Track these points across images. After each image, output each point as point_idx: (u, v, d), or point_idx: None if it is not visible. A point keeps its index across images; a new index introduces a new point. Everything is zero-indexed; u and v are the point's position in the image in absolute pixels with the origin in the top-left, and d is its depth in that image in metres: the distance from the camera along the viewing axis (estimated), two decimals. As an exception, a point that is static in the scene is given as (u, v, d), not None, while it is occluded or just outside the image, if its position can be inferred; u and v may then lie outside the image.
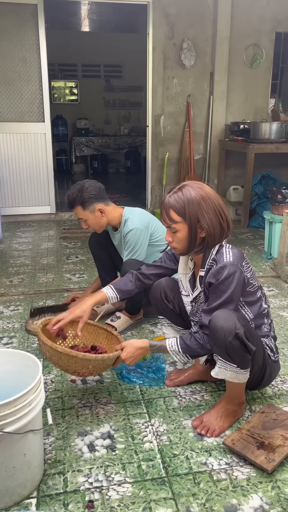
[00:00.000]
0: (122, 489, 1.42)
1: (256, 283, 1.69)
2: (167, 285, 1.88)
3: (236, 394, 1.70)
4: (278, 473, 1.49)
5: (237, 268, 1.56)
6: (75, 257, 3.83)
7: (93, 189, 2.31)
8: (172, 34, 5.09)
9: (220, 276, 1.56)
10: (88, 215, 2.33)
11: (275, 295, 3.01)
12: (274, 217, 3.60)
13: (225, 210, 1.60)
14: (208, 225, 1.56)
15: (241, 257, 1.61)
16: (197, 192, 1.56)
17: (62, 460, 1.54)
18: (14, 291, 3.06)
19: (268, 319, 1.75)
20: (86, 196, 2.29)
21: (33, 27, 4.81)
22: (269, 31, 5.34)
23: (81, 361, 1.60)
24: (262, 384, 1.77)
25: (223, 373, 1.61)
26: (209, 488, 1.43)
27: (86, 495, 1.40)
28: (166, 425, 1.72)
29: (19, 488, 1.37)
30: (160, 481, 1.46)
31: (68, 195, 2.33)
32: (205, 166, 5.55)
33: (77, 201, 2.30)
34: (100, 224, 2.38)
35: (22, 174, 5.18)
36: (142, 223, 2.37)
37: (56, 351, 1.59)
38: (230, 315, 1.52)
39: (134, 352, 1.70)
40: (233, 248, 1.63)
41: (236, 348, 1.51)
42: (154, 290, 1.90)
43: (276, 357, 1.76)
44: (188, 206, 1.55)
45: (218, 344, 1.53)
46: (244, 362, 1.56)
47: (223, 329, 1.49)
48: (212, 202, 1.57)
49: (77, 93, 9.49)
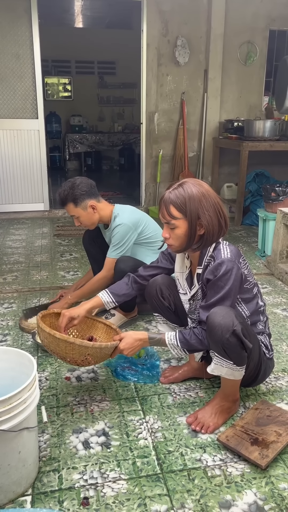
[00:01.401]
0: (117, 485, 1.43)
1: (253, 280, 1.69)
2: (162, 282, 1.88)
3: (230, 391, 1.71)
4: (272, 469, 1.50)
5: (234, 264, 1.56)
6: (69, 255, 3.82)
7: (85, 185, 2.31)
8: (166, 31, 5.08)
9: (218, 272, 1.56)
10: (80, 211, 2.32)
11: (269, 292, 3.03)
12: (267, 214, 3.62)
13: (223, 208, 1.62)
14: (208, 222, 1.56)
15: (238, 254, 1.62)
16: (198, 189, 1.56)
17: (57, 458, 1.54)
18: (8, 289, 3.05)
19: (264, 316, 1.76)
20: (78, 193, 2.29)
21: (27, 23, 4.78)
22: (263, 29, 5.35)
23: (78, 348, 1.60)
24: (256, 381, 1.78)
25: (219, 370, 1.62)
26: (204, 484, 1.44)
27: (81, 492, 1.40)
28: (161, 422, 1.72)
29: (14, 486, 1.37)
30: (154, 477, 1.46)
31: (59, 192, 2.33)
32: (199, 163, 5.56)
33: (68, 198, 2.29)
34: (92, 220, 2.38)
35: (16, 171, 5.15)
36: (131, 220, 2.37)
37: (54, 338, 1.59)
38: (228, 312, 1.52)
39: (133, 343, 1.70)
40: (230, 245, 1.63)
41: (233, 345, 1.51)
42: (149, 287, 1.90)
43: (271, 354, 1.78)
44: (189, 203, 1.54)
45: (215, 341, 1.53)
46: (240, 359, 1.56)
47: (220, 325, 1.49)
48: (212, 199, 1.57)
49: (71, 89, 9.44)
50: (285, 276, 3.18)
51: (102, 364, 2.10)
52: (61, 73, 9.34)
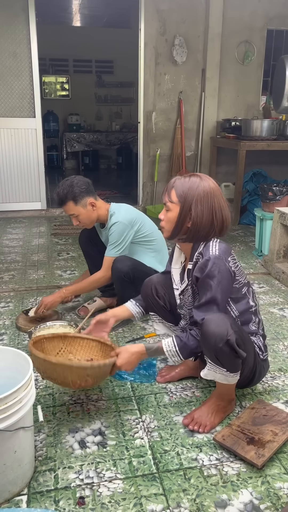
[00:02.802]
0: (113, 485, 1.43)
1: (243, 280, 1.68)
2: (158, 281, 1.88)
3: (226, 392, 1.71)
4: (268, 468, 1.50)
5: (221, 261, 1.56)
6: (66, 254, 3.81)
7: (83, 183, 2.31)
8: (164, 30, 5.08)
9: (206, 269, 1.56)
10: (80, 210, 2.32)
11: (266, 291, 3.03)
12: (265, 214, 3.62)
13: (224, 212, 1.62)
14: (197, 217, 1.58)
15: (227, 252, 1.62)
16: (203, 185, 1.58)
17: (53, 457, 1.54)
18: (5, 288, 3.04)
19: (256, 317, 1.75)
20: (77, 191, 2.28)
21: (24, 21, 4.76)
22: (260, 28, 5.35)
23: (77, 370, 1.54)
24: (251, 384, 1.79)
25: (212, 375, 1.62)
26: (200, 483, 1.44)
27: (77, 492, 1.40)
28: (157, 421, 1.72)
29: (10, 485, 1.36)
30: (151, 477, 1.46)
31: (58, 192, 2.30)
32: (196, 163, 5.56)
33: (68, 197, 2.28)
34: (91, 218, 2.37)
35: (13, 170, 5.14)
36: (126, 218, 2.36)
37: (50, 364, 1.52)
38: (223, 320, 1.51)
39: (130, 357, 1.65)
40: (221, 243, 1.64)
41: (227, 354, 1.50)
42: (145, 286, 1.90)
43: (265, 356, 1.77)
44: (188, 193, 1.57)
45: (209, 348, 1.53)
46: (234, 366, 1.56)
47: (214, 334, 1.48)
48: (212, 199, 1.58)
49: (68, 88, 9.42)
50: (282, 276, 3.18)
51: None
52: (58, 71, 9.32)
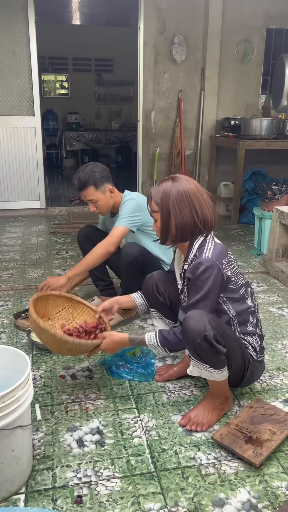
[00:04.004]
0: (111, 484, 1.43)
1: (240, 281, 1.68)
2: (159, 278, 1.88)
3: (218, 389, 1.71)
4: (266, 467, 1.50)
5: (214, 264, 1.56)
6: (65, 252, 3.81)
7: (103, 169, 2.36)
8: (164, 28, 5.07)
9: (197, 271, 1.57)
10: (100, 195, 2.35)
11: (265, 290, 3.03)
12: (264, 213, 3.62)
13: (205, 209, 1.62)
14: (178, 219, 1.60)
15: (222, 255, 1.61)
16: (176, 187, 1.60)
17: (51, 456, 1.54)
18: (3, 286, 3.04)
19: (254, 317, 1.75)
20: (98, 176, 2.31)
21: (23, 19, 4.75)
22: (260, 27, 5.34)
23: (58, 341, 1.65)
24: (243, 383, 1.77)
25: (197, 371, 1.63)
26: (198, 482, 1.44)
27: (75, 491, 1.40)
28: (155, 420, 1.72)
29: (7, 484, 1.36)
30: (148, 476, 1.46)
31: (79, 177, 2.32)
32: (196, 161, 5.56)
33: (90, 181, 2.31)
34: (109, 205, 2.41)
35: (12, 168, 5.13)
36: (140, 200, 2.40)
37: (37, 326, 1.64)
38: (201, 316, 1.52)
39: (113, 344, 1.77)
40: (217, 244, 1.63)
41: (205, 350, 1.52)
42: (146, 282, 1.91)
43: (260, 357, 1.76)
44: (163, 198, 1.61)
45: (188, 344, 1.55)
46: (216, 362, 1.56)
47: (192, 330, 1.50)
48: (188, 199, 1.59)
49: (68, 87, 9.42)
50: (280, 275, 3.18)
51: (97, 362, 2.10)
52: (58, 70, 9.32)
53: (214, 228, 1.67)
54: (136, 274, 2.32)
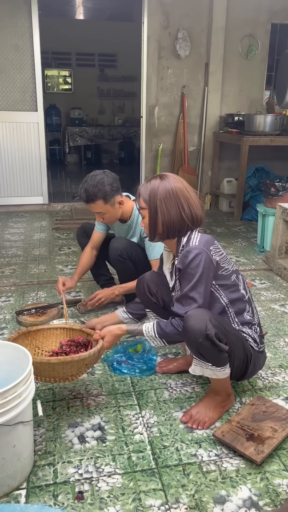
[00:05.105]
0: (112, 480, 1.43)
1: (230, 267, 1.69)
2: (150, 279, 1.88)
3: (220, 386, 1.71)
4: (267, 464, 1.50)
5: (202, 250, 1.57)
6: (67, 248, 3.81)
7: (113, 180, 2.21)
8: (168, 23, 5.03)
9: (186, 260, 1.58)
10: (109, 208, 2.23)
11: (267, 288, 3.02)
12: (267, 210, 3.60)
13: (193, 207, 1.63)
14: (165, 216, 1.62)
15: (209, 242, 1.62)
16: (164, 185, 1.62)
17: (52, 452, 1.54)
18: (6, 282, 3.04)
19: (250, 305, 1.74)
20: (109, 189, 2.18)
21: (26, 14, 4.73)
22: (264, 22, 5.30)
23: (77, 364, 1.60)
24: (246, 376, 1.76)
25: (199, 370, 1.63)
26: (199, 479, 1.44)
27: (76, 486, 1.40)
28: (157, 416, 1.72)
29: (9, 480, 1.37)
30: (150, 472, 1.46)
31: (86, 188, 2.16)
32: (199, 158, 5.53)
33: (99, 195, 2.16)
34: (117, 216, 2.32)
35: (15, 164, 5.12)
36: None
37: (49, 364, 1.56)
38: (202, 315, 1.52)
39: (114, 339, 1.76)
40: (203, 235, 1.65)
41: (208, 348, 1.51)
42: (138, 283, 1.91)
43: (261, 348, 1.76)
44: (150, 195, 1.62)
45: (190, 344, 1.55)
46: (219, 360, 1.56)
47: (193, 329, 1.50)
48: (176, 196, 1.61)
49: (71, 82, 9.38)
50: (283, 272, 3.17)
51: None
52: (61, 65, 9.27)
53: (201, 225, 1.68)
54: (128, 268, 2.31)
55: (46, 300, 2.75)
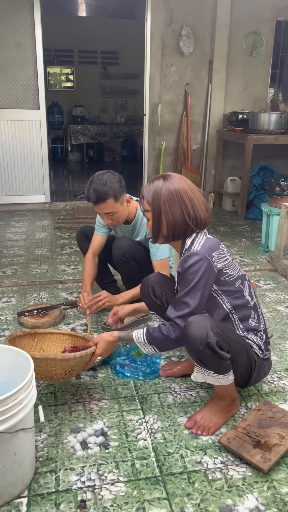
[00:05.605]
0: (115, 488, 1.39)
1: (235, 273, 1.64)
2: (155, 281, 1.84)
3: (224, 392, 1.67)
4: (274, 472, 1.46)
5: (203, 257, 1.53)
6: (69, 248, 3.77)
7: (120, 178, 2.17)
8: (171, 20, 4.98)
9: (185, 264, 1.55)
10: (119, 207, 2.17)
11: (272, 289, 2.98)
12: (272, 209, 3.56)
13: (198, 208, 1.59)
14: (169, 219, 1.58)
15: (212, 248, 1.58)
16: (167, 186, 1.58)
17: (54, 458, 1.51)
18: (7, 282, 3.01)
19: (255, 312, 1.70)
20: (118, 187, 2.12)
21: (28, 11, 4.68)
22: (269, 19, 5.24)
23: (61, 363, 1.59)
24: (250, 383, 1.72)
25: (202, 377, 1.60)
26: (204, 488, 1.40)
27: (78, 495, 1.37)
28: (161, 422, 1.69)
29: (10, 488, 1.33)
30: (154, 480, 1.43)
31: (95, 188, 2.08)
32: (202, 156, 5.48)
33: (110, 193, 2.09)
34: (125, 216, 2.26)
35: (16, 162, 5.08)
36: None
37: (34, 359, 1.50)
38: (203, 322, 1.48)
39: (107, 346, 1.74)
40: (208, 239, 1.60)
41: (209, 356, 1.48)
42: (142, 285, 1.87)
43: (266, 355, 1.71)
44: (154, 197, 1.59)
45: (191, 351, 1.52)
46: (221, 368, 1.53)
47: (194, 337, 1.47)
48: (179, 198, 1.57)
49: (73, 79, 9.33)
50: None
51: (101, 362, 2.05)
52: (63, 62, 9.22)
53: (207, 226, 1.64)
54: (131, 268, 2.27)
55: (48, 301, 2.72)
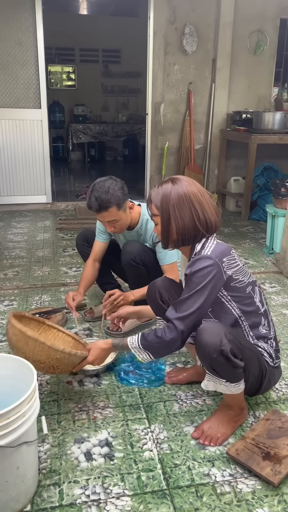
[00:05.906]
0: (120, 502, 1.35)
1: (246, 279, 1.59)
2: (162, 285, 1.79)
3: (233, 401, 1.63)
4: (285, 486, 1.42)
5: (214, 262, 1.48)
6: (71, 249, 3.72)
7: (122, 184, 2.10)
8: (174, 18, 4.92)
9: (194, 267, 1.50)
10: (122, 215, 2.11)
11: (277, 291, 2.93)
12: (277, 210, 3.51)
13: (207, 212, 1.55)
14: (178, 223, 1.54)
15: (223, 253, 1.53)
16: (176, 189, 1.53)
17: (57, 470, 1.46)
18: (9, 285, 2.96)
19: (266, 318, 1.66)
20: (121, 194, 2.06)
21: (30, 9, 4.62)
22: (273, 18, 5.18)
23: (47, 350, 1.55)
24: (260, 391, 1.69)
25: (212, 386, 1.55)
26: (213, 502, 1.36)
27: (83, 509, 1.32)
28: (167, 431, 1.64)
29: (12, 502, 1.29)
30: (160, 494, 1.38)
31: (97, 196, 2.02)
32: (205, 156, 5.43)
33: (112, 201, 2.03)
34: (127, 223, 2.20)
35: (18, 162, 5.04)
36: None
37: (24, 335, 1.54)
38: (217, 329, 1.44)
39: (100, 353, 1.71)
40: (218, 243, 1.56)
41: (222, 364, 1.44)
42: (149, 290, 1.82)
43: (276, 363, 1.67)
44: (162, 201, 1.54)
45: (203, 359, 1.48)
46: (234, 376, 1.48)
47: (207, 344, 1.42)
48: (189, 202, 1.52)
49: (75, 78, 9.27)
50: (294, 275, 3.08)
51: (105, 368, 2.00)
52: (65, 61, 9.16)
53: (217, 231, 1.60)
54: (140, 273, 2.22)
55: (51, 304, 2.68)
